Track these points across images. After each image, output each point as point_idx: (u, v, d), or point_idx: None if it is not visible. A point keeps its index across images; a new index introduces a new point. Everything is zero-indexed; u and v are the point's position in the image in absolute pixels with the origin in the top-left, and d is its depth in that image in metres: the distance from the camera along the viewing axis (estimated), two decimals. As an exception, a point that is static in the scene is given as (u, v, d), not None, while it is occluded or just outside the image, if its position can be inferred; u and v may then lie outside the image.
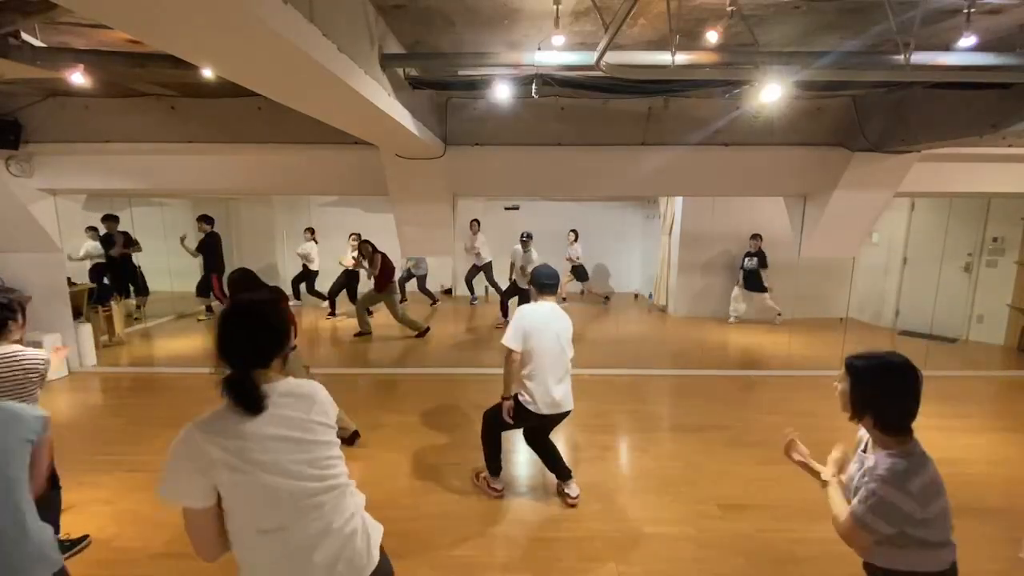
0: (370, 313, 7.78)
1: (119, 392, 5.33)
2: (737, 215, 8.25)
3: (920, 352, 6.74)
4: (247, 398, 1.27)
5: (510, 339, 3.02)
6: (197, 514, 1.26)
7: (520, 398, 3.09)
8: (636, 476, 3.64)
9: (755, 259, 7.99)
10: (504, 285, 8.84)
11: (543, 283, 3.20)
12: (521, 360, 3.04)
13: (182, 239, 8.13)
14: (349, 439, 3.89)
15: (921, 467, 1.51)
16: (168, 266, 8.55)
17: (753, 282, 8.07)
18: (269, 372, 1.35)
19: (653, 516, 3.09)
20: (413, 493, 3.34)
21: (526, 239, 8.16)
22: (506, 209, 9.40)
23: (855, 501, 1.57)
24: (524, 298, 7.99)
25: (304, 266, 8.95)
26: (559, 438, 4.18)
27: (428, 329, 7.46)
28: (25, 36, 3.09)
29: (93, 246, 7.58)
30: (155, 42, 1.90)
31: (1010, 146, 4.79)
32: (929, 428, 1.85)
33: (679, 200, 8.68)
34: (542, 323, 3.06)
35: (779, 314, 8.13)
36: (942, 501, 1.53)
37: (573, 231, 9.41)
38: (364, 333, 7.40)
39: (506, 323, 7.93)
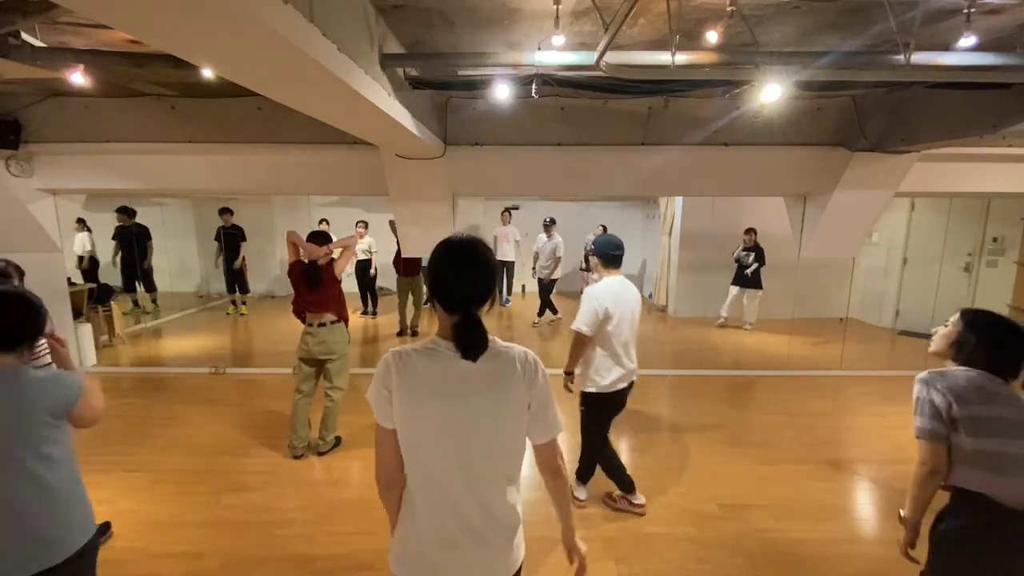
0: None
1: (119, 392, 5.33)
2: (737, 215, 8.24)
3: (920, 352, 6.74)
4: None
5: (583, 322, 2.87)
6: None
7: (593, 389, 2.99)
8: (636, 476, 3.62)
9: (752, 254, 7.71)
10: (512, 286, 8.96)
11: (610, 254, 2.95)
12: (593, 342, 2.91)
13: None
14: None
15: (965, 379, 1.65)
16: (168, 266, 8.56)
17: (749, 279, 7.82)
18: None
19: (653, 516, 3.09)
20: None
21: (548, 224, 8.07)
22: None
23: None
24: (545, 289, 7.98)
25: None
26: (560, 439, 4.18)
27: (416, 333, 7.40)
28: (25, 36, 3.09)
29: (84, 237, 7.68)
30: (155, 42, 1.90)
31: (1010, 146, 4.79)
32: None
33: (679, 200, 8.68)
34: (617, 301, 2.88)
35: (751, 323, 7.94)
36: (986, 409, 1.60)
37: (602, 226, 9.28)
38: (409, 332, 7.32)
39: (541, 320, 8.01)
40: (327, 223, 8.77)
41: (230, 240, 8.13)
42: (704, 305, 8.67)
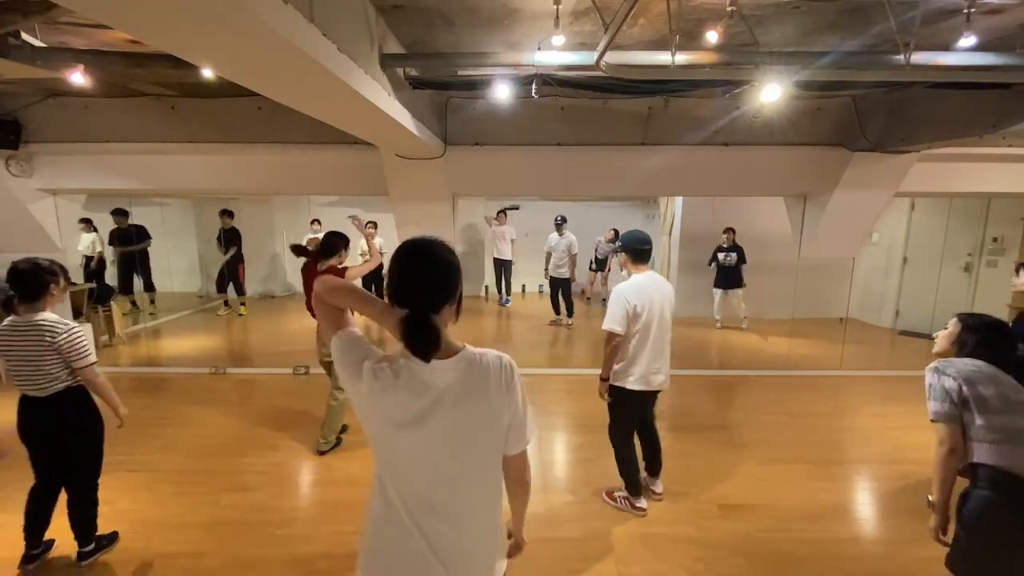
0: None
1: (119, 392, 5.28)
2: (738, 215, 8.23)
3: (920, 352, 6.73)
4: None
5: (613, 322, 2.84)
6: None
7: (617, 382, 2.96)
8: (636, 476, 3.64)
9: (733, 255, 7.70)
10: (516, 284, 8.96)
11: (638, 249, 2.90)
12: (625, 342, 2.89)
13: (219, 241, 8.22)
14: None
15: (971, 364, 1.82)
16: (168, 265, 8.56)
17: (730, 279, 7.78)
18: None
19: (653, 516, 3.09)
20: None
21: (560, 223, 7.96)
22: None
23: None
24: (564, 289, 7.91)
25: None
26: (561, 439, 4.19)
27: None
28: (25, 36, 3.10)
29: (93, 238, 7.70)
30: (155, 42, 1.91)
31: (1010, 146, 4.79)
32: (928, 428, 1.85)
33: (679, 200, 8.67)
34: (646, 299, 2.84)
35: (745, 317, 7.89)
36: (993, 389, 1.75)
37: (614, 230, 9.17)
38: None
39: (559, 320, 7.97)
40: (319, 223, 8.78)
41: (230, 242, 8.13)
42: (704, 305, 8.65)
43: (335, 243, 3.69)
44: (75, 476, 2.58)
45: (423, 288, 1.18)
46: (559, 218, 8.06)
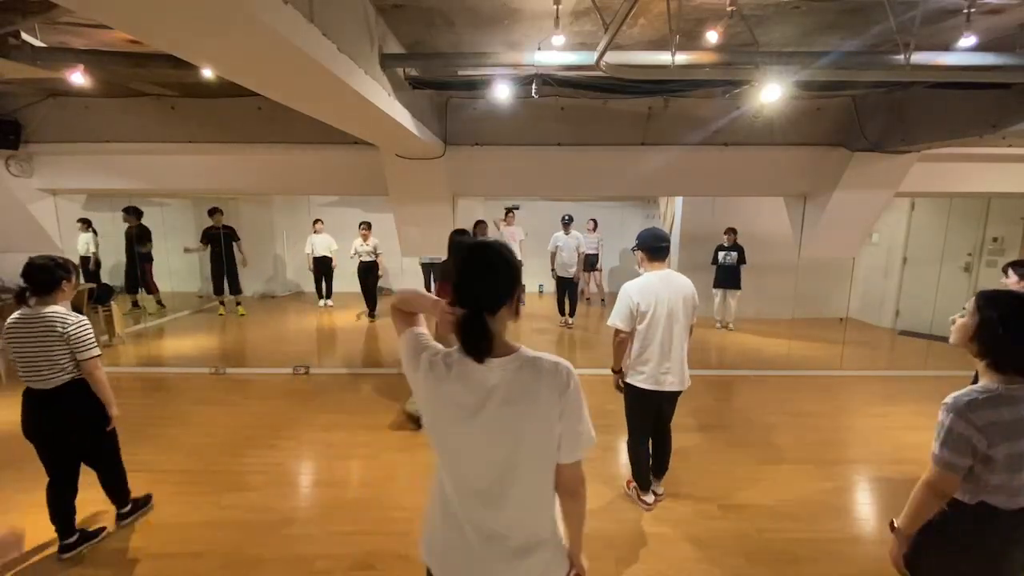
0: None
1: (119, 392, 5.23)
2: (737, 215, 8.23)
3: (920, 352, 6.73)
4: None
5: (616, 318, 2.86)
6: None
7: (628, 378, 2.97)
8: (636, 476, 3.64)
9: (733, 254, 7.69)
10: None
11: (654, 246, 2.86)
12: (630, 338, 2.90)
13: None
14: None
15: (999, 405, 1.47)
16: (168, 266, 8.55)
17: (730, 279, 7.78)
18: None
19: (653, 516, 3.09)
20: (413, 492, 3.33)
21: (568, 222, 7.86)
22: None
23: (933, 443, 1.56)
24: (571, 290, 7.83)
25: (318, 260, 8.84)
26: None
27: None
28: (25, 36, 3.10)
29: (89, 238, 7.70)
30: (155, 42, 1.91)
31: (1010, 146, 4.79)
32: (928, 428, 1.85)
33: (679, 200, 8.67)
34: (651, 298, 2.83)
35: (731, 321, 7.91)
36: (1016, 447, 1.46)
37: (592, 220, 9.15)
38: None
39: (567, 322, 7.90)
40: (322, 223, 8.76)
41: (224, 241, 8.08)
42: (704, 305, 8.65)
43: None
44: (100, 456, 2.80)
45: (482, 290, 1.23)
46: (566, 217, 7.93)
